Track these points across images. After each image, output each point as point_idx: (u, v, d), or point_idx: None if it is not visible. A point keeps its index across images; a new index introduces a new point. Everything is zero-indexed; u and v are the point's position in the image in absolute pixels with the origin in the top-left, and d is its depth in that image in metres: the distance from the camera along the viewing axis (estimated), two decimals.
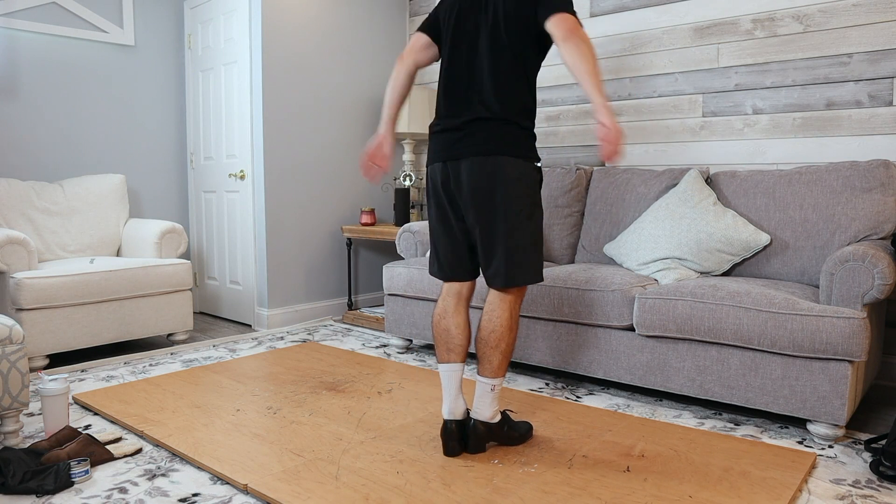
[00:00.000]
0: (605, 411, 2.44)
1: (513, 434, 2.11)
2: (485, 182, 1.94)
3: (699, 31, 3.26)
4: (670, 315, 2.43)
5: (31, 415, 2.45)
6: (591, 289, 2.66)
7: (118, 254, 3.82)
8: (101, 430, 2.30)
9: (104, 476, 1.93)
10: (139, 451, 2.09)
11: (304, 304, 4.12)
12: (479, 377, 2.05)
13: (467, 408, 2.10)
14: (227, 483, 1.89)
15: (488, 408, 2.04)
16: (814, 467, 2.00)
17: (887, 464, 1.90)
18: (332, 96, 4.17)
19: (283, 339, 3.68)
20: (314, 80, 4.06)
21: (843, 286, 2.18)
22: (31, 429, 2.31)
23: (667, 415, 2.47)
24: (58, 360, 3.26)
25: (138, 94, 4.13)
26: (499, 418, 2.08)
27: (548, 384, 2.85)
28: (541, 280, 2.05)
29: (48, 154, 3.77)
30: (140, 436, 2.24)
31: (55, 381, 2.17)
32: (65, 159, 3.84)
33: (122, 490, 1.84)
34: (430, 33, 2.17)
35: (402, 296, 3.37)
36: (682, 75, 3.32)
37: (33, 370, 3.02)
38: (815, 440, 2.22)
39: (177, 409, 2.44)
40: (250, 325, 4.06)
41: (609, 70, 3.57)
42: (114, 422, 2.37)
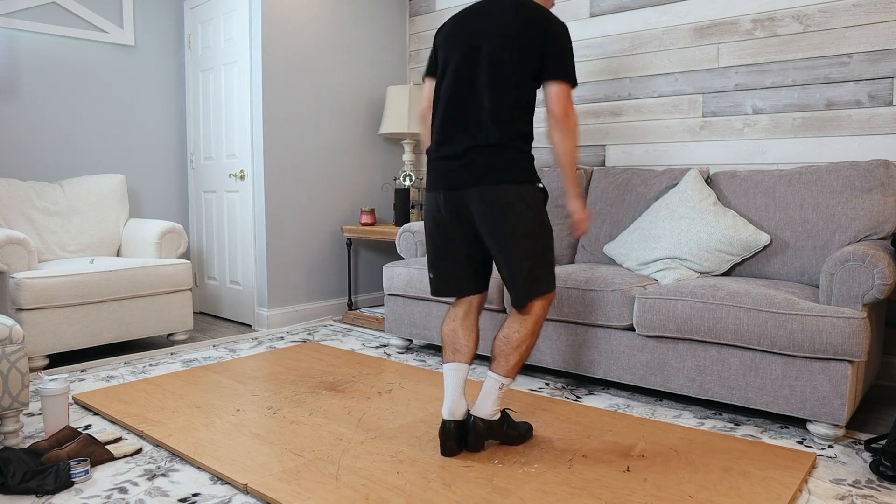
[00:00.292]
0: (605, 411, 2.44)
1: (512, 433, 2.12)
2: (489, 211, 1.98)
3: (699, 31, 3.26)
4: (670, 315, 2.43)
5: (31, 415, 2.45)
6: (591, 289, 2.66)
7: (118, 254, 3.82)
8: (101, 430, 2.30)
9: (104, 476, 1.93)
10: (139, 451, 2.09)
11: (304, 304, 4.12)
12: (491, 373, 2.07)
13: (468, 409, 2.10)
14: (227, 483, 1.89)
15: (490, 405, 2.05)
16: (814, 467, 2.00)
17: (887, 464, 1.90)
18: (332, 96, 4.17)
19: (283, 339, 3.68)
20: (314, 80, 4.06)
21: (843, 286, 2.18)
22: (31, 429, 2.31)
23: (667, 415, 2.47)
24: (58, 360, 3.26)
25: (138, 94, 4.13)
26: (498, 416, 2.09)
27: (548, 384, 2.85)
28: (552, 289, 2.09)
29: (48, 154, 3.77)
30: (140, 436, 2.24)
31: (55, 381, 2.17)
32: (65, 159, 3.84)
33: (122, 490, 1.84)
34: (437, 75, 2.19)
35: (402, 296, 3.37)
36: (682, 75, 3.32)
37: (33, 370, 3.02)
38: (815, 440, 2.22)
39: (177, 409, 2.44)
40: (250, 325, 4.06)
41: (609, 70, 3.57)
42: (114, 422, 2.37)
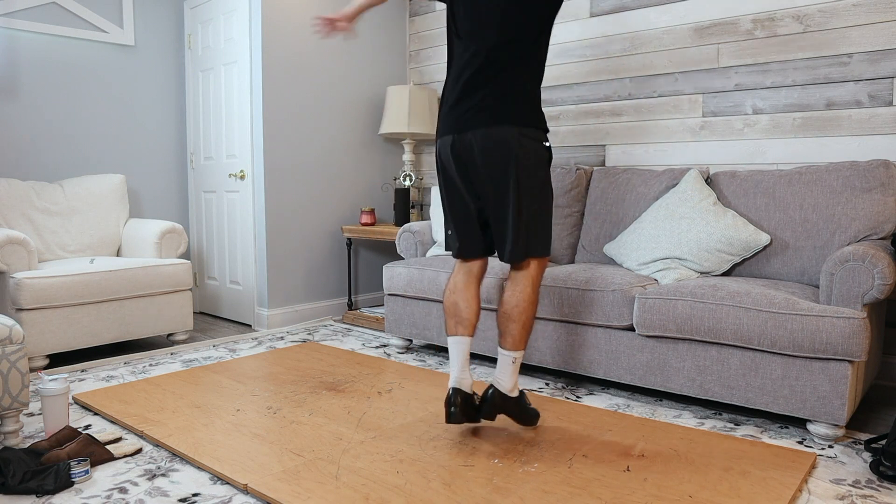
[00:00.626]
0: (605, 411, 2.44)
1: (523, 415, 2.19)
2: (495, 152, 1.97)
3: (699, 31, 3.26)
4: (670, 315, 2.43)
5: (31, 415, 2.45)
6: (591, 289, 2.66)
7: (118, 254, 3.82)
8: (101, 430, 2.30)
9: (104, 476, 1.93)
10: (139, 451, 2.09)
11: (304, 304, 4.12)
12: (501, 349, 2.13)
13: (472, 382, 2.16)
14: (227, 483, 1.89)
15: (509, 379, 2.12)
16: (814, 467, 2.00)
17: (887, 464, 1.90)
18: (332, 96, 4.17)
19: (283, 339, 3.68)
20: (314, 80, 4.06)
21: (843, 286, 2.18)
22: (31, 429, 2.31)
23: (667, 415, 2.47)
24: (58, 360, 3.26)
25: (138, 94, 4.13)
26: (517, 394, 2.17)
27: (548, 384, 2.85)
28: (548, 254, 2.12)
29: (48, 154, 3.77)
30: (140, 436, 2.24)
31: (55, 381, 2.17)
32: (65, 159, 3.84)
33: (122, 490, 1.84)
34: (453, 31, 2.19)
35: (402, 296, 3.37)
36: (682, 75, 3.32)
37: (33, 370, 3.02)
38: (815, 440, 2.22)
39: (177, 409, 2.44)
40: (250, 325, 4.06)
41: (609, 70, 3.57)
42: (114, 422, 2.37)
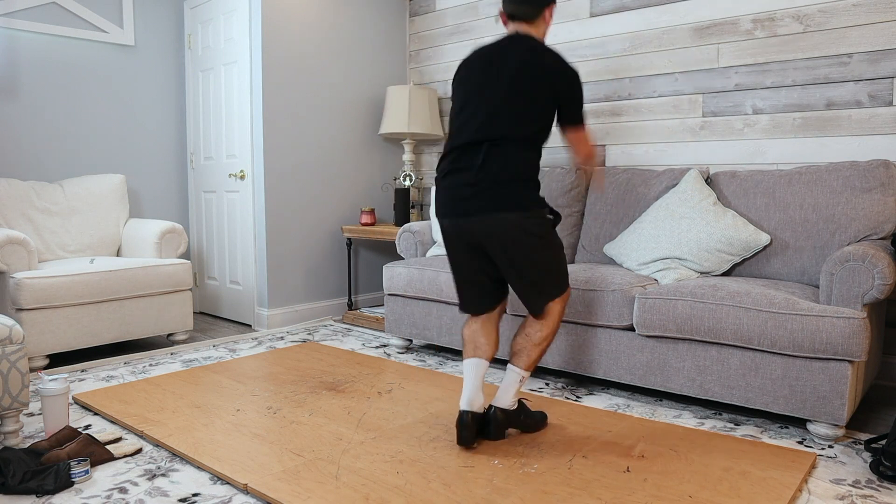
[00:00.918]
0: (605, 411, 2.44)
1: (528, 421, 2.22)
2: (497, 238, 2.04)
3: (699, 31, 3.26)
4: (670, 315, 2.43)
5: (31, 415, 2.45)
6: (591, 289, 2.66)
7: (118, 254, 3.82)
8: (101, 430, 2.30)
9: (104, 476, 1.93)
10: (139, 451, 2.09)
11: (304, 304, 4.12)
12: (512, 366, 2.17)
13: (483, 404, 2.16)
14: (227, 483, 1.89)
15: (510, 396, 2.16)
16: (814, 467, 2.00)
17: (887, 464, 1.90)
18: (332, 96, 4.17)
19: (283, 339, 3.68)
20: (314, 80, 4.05)
21: (843, 286, 2.18)
22: (31, 429, 2.31)
23: (667, 415, 2.47)
24: (58, 360, 3.26)
25: (138, 94, 4.13)
26: (516, 406, 2.20)
27: (548, 384, 2.85)
28: (567, 287, 2.18)
29: (48, 154, 3.77)
30: (140, 436, 2.24)
31: (55, 381, 2.17)
32: (65, 159, 3.84)
33: (122, 490, 1.84)
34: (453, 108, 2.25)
35: (402, 296, 3.37)
36: (682, 75, 3.32)
37: (33, 370, 3.02)
38: (815, 440, 2.22)
39: (177, 409, 2.44)
40: (250, 325, 4.06)
41: (609, 70, 3.57)
42: (114, 422, 2.37)
